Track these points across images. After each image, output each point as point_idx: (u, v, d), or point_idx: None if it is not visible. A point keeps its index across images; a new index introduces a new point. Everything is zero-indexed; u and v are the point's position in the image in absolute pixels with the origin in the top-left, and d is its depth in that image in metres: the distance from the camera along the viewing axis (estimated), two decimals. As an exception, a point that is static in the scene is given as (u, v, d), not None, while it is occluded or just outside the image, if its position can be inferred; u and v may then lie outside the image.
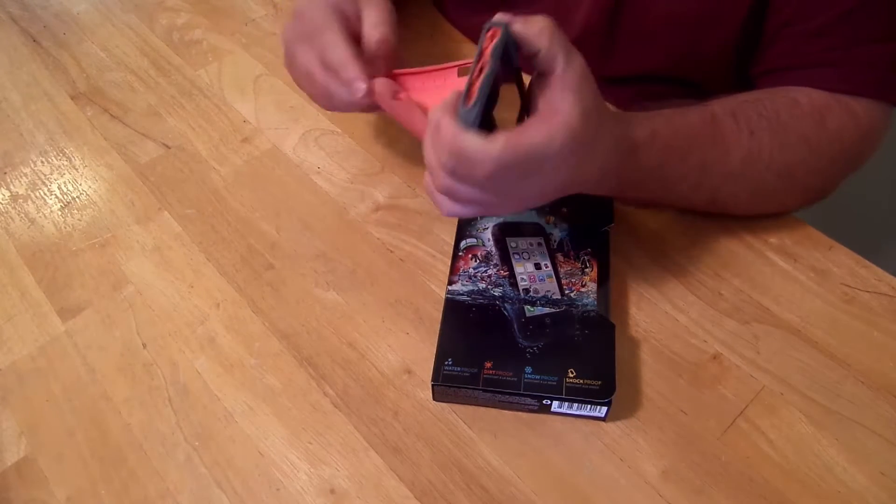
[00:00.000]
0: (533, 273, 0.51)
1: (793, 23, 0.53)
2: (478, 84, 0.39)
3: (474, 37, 0.73)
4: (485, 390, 0.45)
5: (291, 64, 0.54)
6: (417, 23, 0.74)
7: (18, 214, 0.61)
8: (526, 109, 0.45)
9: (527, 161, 0.39)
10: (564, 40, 0.40)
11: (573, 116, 0.39)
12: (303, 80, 0.54)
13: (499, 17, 0.40)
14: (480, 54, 0.40)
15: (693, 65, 0.61)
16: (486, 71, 0.39)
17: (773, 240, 0.55)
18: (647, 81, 0.64)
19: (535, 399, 0.45)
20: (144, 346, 0.52)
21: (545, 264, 0.52)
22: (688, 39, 0.59)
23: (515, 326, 0.48)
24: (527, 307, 0.49)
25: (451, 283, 0.51)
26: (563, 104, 0.39)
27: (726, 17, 0.56)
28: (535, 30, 0.39)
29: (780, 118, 0.50)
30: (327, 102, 0.53)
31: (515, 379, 0.45)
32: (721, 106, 0.50)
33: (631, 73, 0.64)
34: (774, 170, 0.51)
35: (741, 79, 0.59)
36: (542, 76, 0.41)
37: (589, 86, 0.41)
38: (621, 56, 0.63)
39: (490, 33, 0.40)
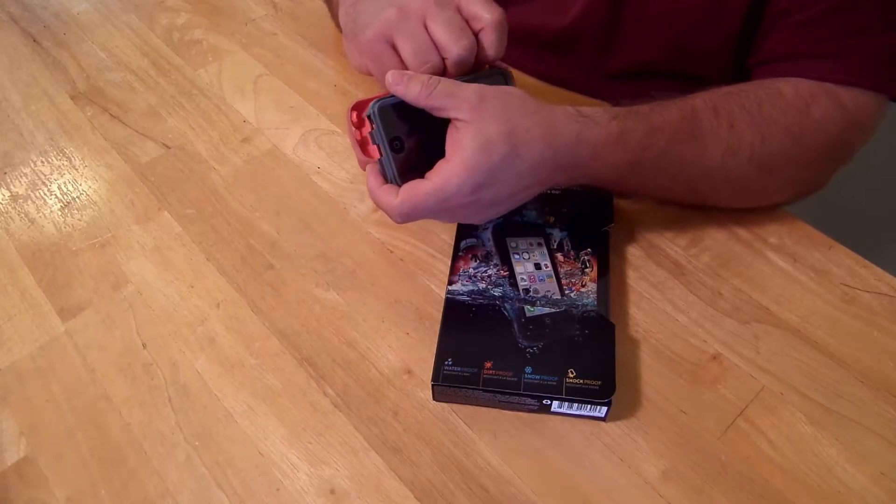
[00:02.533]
0: (533, 273, 0.51)
1: (790, 12, 0.53)
2: (380, 156, 0.46)
3: None
4: (485, 390, 0.45)
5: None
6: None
7: (18, 214, 0.61)
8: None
9: (428, 206, 0.44)
10: (447, 87, 0.44)
11: (467, 154, 0.43)
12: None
13: (370, 107, 0.45)
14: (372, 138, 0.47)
15: (694, 57, 0.61)
16: (381, 151, 0.46)
17: (772, 239, 0.55)
18: (647, 76, 0.64)
19: (535, 399, 0.45)
20: (144, 346, 0.52)
21: (545, 264, 0.52)
22: (690, 31, 0.59)
23: (515, 326, 0.48)
24: (527, 307, 0.49)
25: (451, 283, 0.51)
26: (460, 143, 0.43)
27: (729, 7, 0.56)
28: (412, 95, 0.44)
29: (763, 110, 0.50)
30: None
31: (515, 379, 0.45)
32: (703, 99, 0.50)
33: (632, 66, 0.64)
34: (756, 163, 0.51)
35: (741, 71, 0.59)
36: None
37: (492, 111, 0.44)
38: (622, 48, 0.63)
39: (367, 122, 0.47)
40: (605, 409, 0.45)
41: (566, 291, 0.50)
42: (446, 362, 0.46)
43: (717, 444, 0.45)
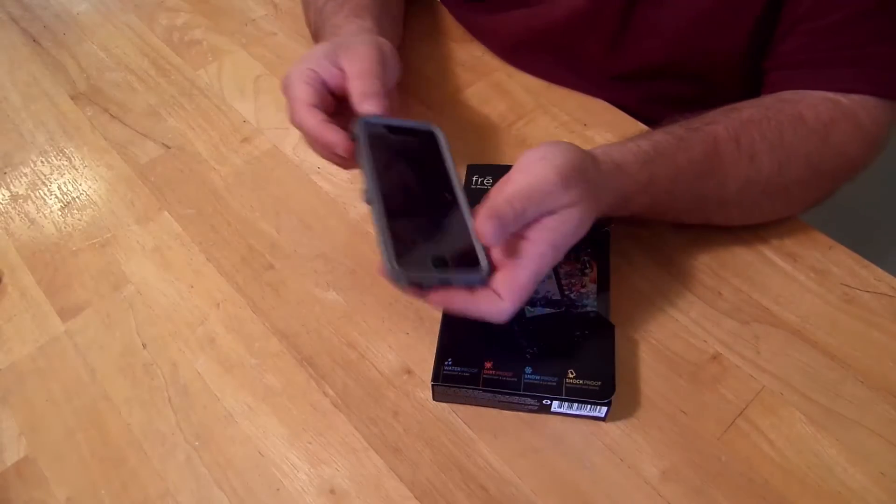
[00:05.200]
0: (533, 273, 0.51)
1: (808, 18, 0.52)
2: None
3: (479, 34, 0.73)
4: (485, 390, 0.45)
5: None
6: (417, 24, 0.74)
7: (18, 214, 0.61)
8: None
9: (530, 291, 0.41)
10: (518, 193, 0.41)
11: (560, 240, 0.42)
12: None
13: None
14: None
15: (704, 58, 0.60)
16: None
17: (773, 240, 0.55)
18: (654, 78, 0.64)
19: (535, 399, 0.45)
20: (144, 346, 0.52)
21: (545, 264, 0.51)
22: (701, 31, 0.58)
23: (515, 326, 0.48)
24: (527, 307, 0.49)
25: (451, 283, 0.51)
26: (559, 230, 0.42)
27: (743, 11, 0.55)
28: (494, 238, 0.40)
29: (784, 139, 0.50)
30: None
31: (515, 379, 0.45)
32: (726, 127, 0.50)
33: (640, 67, 0.63)
34: (770, 192, 0.51)
35: (749, 75, 0.59)
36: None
37: (580, 191, 0.42)
38: (632, 49, 0.62)
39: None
40: (605, 409, 0.45)
41: (566, 292, 0.50)
42: (446, 362, 0.46)
43: (717, 444, 0.45)
